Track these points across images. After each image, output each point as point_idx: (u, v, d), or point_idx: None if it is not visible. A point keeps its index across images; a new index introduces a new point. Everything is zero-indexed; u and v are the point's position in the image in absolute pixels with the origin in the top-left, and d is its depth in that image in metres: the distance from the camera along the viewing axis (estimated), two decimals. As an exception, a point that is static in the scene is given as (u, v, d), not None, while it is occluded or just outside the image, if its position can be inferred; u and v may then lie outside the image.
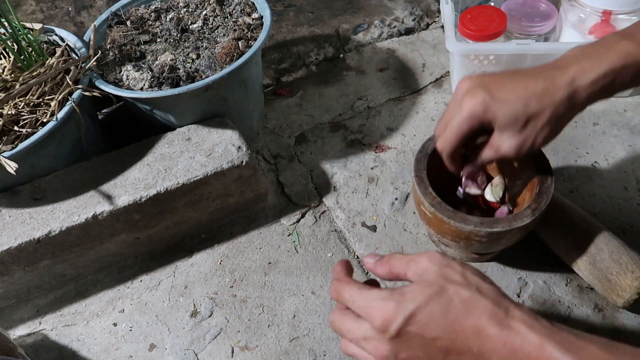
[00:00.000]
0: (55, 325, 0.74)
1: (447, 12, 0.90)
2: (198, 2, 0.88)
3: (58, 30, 0.83)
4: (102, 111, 0.95)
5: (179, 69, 0.77)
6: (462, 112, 0.52)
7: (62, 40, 0.82)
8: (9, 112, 0.69)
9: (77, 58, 0.77)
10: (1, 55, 0.78)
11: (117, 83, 0.77)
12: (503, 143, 0.53)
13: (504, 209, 0.68)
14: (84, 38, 0.81)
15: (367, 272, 0.75)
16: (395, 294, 0.38)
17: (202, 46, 0.80)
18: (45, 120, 0.70)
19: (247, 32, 0.81)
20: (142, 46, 0.81)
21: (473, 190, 0.68)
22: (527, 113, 0.50)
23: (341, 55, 1.08)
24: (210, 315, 0.72)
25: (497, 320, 0.35)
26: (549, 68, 0.51)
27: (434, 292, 0.37)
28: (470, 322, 0.36)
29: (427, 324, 0.36)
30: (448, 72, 1.01)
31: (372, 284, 0.44)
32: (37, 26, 0.82)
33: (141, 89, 0.75)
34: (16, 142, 0.68)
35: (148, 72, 0.77)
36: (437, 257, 0.39)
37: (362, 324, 0.39)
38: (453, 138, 0.54)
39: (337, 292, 0.42)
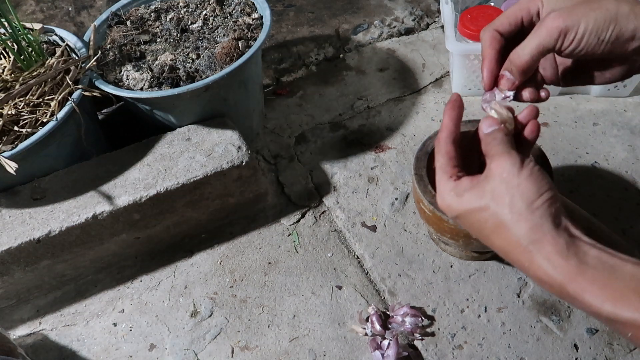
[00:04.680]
0: (55, 325, 0.74)
1: (447, 12, 0.90)
2: (198, 2, 0.88)
3: (58, 30, 0.83)
4: (102, 111, 0.95)
5: (179, 69, 0.77)
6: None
7: (62, 40, 0.82)
8: (9, 112, 0.69)
9: (77, 58, 0.77)
10: (1, 55, 0.78)
11: (117, 83, 0.77)
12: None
13: None
14: (84, 38, 0.81)
15: (366, 273, 0.75)
16: (456, 190, 0.43)
17: (202, 46, 0.80)
18: (45, 120, 0.70)
19: (247, 32, 0.81)
20: (142, 46, 0.81)
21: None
22: None
23: (341, 55, 1.08)
24: (210, 315, 0.72)
25: (520, 251, 0.39)
26: None
27: (477, 207, 0.41)
28: (498, 242, 0.41)
29: (469, 227, 0.43)
30: (448, 72, 1.01)
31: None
32: (37, 26, 0.82)
33: (141, 89, 0.75)
34: (16, 142, 0.68)
35: (148, 72, 0.77)
36: (504, 168, 0.40)
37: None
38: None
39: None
